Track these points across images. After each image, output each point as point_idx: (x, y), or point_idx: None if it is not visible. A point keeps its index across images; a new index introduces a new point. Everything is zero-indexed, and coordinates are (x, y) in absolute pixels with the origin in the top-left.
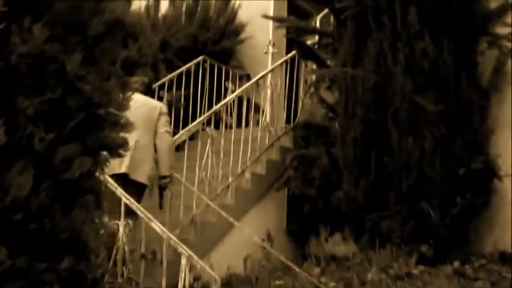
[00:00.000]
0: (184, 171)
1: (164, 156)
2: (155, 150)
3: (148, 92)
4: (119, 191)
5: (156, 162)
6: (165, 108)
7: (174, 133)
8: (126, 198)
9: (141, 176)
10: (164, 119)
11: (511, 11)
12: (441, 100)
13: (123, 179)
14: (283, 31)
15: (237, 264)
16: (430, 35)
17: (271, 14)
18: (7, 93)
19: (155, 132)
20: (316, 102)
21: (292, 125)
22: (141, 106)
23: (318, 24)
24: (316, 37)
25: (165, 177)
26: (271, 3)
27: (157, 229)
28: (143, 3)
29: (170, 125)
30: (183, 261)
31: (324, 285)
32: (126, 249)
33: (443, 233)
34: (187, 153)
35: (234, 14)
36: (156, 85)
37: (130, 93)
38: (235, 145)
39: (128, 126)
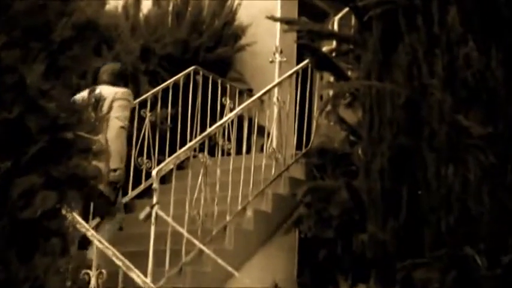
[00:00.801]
0: (171, 207)
1: (112, 145)
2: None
3: (121, 80)
4: (91, 233)
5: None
6: (121, 94)
7: (159, 161)
8: (99, 242)
9: None
10: (117, 104)
11: None
12: (488, 120)
13: None
14: (293, 35)
15: None
16: (474, 39)
17: (278, 14)
18: None
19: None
20: (334, 123)
21: (304, 151)
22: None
23: (336, 27)
24: (334, 43)
25: (115, 170)
26: (278, 1)
27: (138, 280)
28: (120, 2)
29: (127, 110)
30: None
31: None
32: None
33: (492, 285)
34: (175, 185)
35: (233, 14)
36: (136, 102)
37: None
38: (234, 176)
39: (102, 152)
